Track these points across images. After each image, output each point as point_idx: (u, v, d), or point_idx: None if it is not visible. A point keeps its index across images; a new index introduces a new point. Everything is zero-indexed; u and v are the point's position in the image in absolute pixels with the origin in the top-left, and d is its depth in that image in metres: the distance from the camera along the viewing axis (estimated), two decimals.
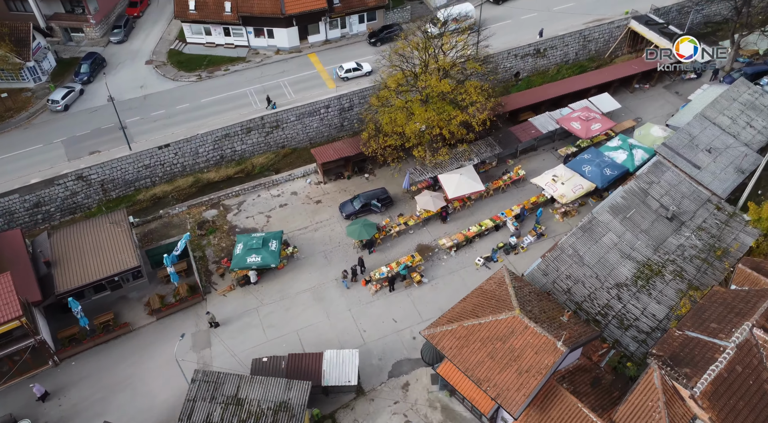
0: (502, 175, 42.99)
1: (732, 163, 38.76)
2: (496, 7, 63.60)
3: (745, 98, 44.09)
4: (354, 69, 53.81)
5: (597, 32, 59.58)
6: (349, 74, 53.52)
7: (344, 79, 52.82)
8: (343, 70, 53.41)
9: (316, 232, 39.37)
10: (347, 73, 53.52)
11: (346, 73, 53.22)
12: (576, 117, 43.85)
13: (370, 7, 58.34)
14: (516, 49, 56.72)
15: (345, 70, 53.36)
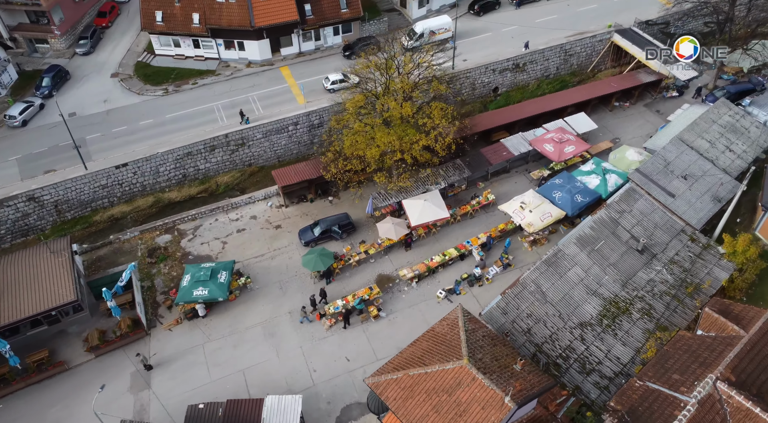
0: (471, 199, 41.32)
1: (709, 190, 37.04)
2: (477, 19, 61.97)
3: (725, 120, 42.42)
4: (341, 80, 52.22)
5: (579, 46, 57.95)
6: (336, 86, 51.92)
7: (330, 90, 50.89)
8: (329, 82, 51.85)
9: (273, 261, 37.57)
10: (333, 84, 52.00)
11: (332, 85, 51.64)
12: (549, 138, 42.14)
13: (345, 19, 56.66)
14: (494, 64, 55.02)
15: (331, 82, 51.82)
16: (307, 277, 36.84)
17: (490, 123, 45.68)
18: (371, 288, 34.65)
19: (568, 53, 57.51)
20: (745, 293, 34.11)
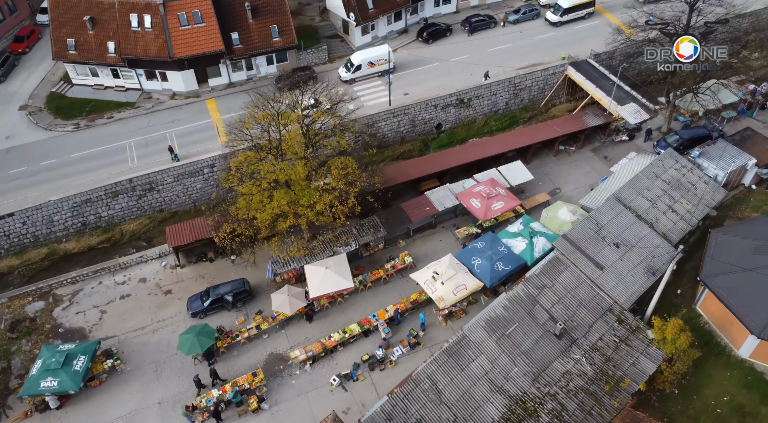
0: (386, 261, 37.64)
1: (643, 261, 33.25)
2: (426, 47, 58.21)
3: (670, 174, 38.70)
4: (313, 105, 48.17)
5: (529, 80, 54.21)
6: (307, 112, 49.05)
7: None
8: (300, 108, 48.64)
9: (154, 335, 33.42)
10: (305, 110, 48.27)
11: (304, 111, 48.15)
12: (477, 193, 38.29)
13: (278, 48, 53.06)
14: (437, 99, 51.16)
15: (303, 108, 48.51)
16: (188, 357, 32.49)
17: (417, 171, 41.50)
18: (254, 374, 30.43)
19: (518, 87, 53.78)
20: (678, 385, 30.53)
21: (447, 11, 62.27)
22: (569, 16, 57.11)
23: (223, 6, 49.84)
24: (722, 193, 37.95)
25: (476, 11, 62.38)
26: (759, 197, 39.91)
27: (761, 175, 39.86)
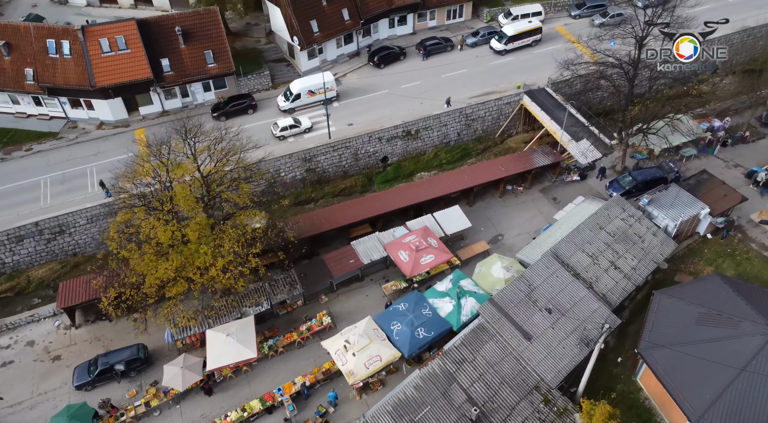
0: (303, 322, 34.27)
1: (576, 329, 30.23)
2: (377, 72, 55.06)
3: (616, 225, 35.72)
4: (291, 126, 46.94)
5: (482, 110, 51.19)
6: (286, 132, 46.75)
7: (280, 138, 46.10)
8: (278, 129, 46.34)
9: (31, 411, 29.77)
10: (283, 131, 46.66)
11: (281, 132, 46.32)
12: (407, 244, 35.10)
13: (214, 75, 50.01)
14: (381, 132, 47.90)
15: (280, 129, 46.41)
16: None
17: (346, 218, 38.04)
18: None
19: (470, 118, 50.72)
20: None
21: (403, 33, 59.17)
22: (515, 44, 53.84)
23: (152, 31, 46.56)
24: (672, 246, 34.99)
25: (435, 33, 59.71)
26: (714, 249, 37.02)
27: (716, 224, 37.13)
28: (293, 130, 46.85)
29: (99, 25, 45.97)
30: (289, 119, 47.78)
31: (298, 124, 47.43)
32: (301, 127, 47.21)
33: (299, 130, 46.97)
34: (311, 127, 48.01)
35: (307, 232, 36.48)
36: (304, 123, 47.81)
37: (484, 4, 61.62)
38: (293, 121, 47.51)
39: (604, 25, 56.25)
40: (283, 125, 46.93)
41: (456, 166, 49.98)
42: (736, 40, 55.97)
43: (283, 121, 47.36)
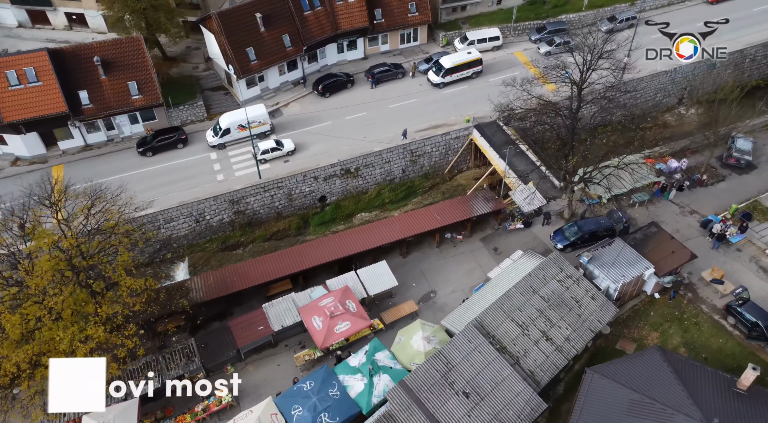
0: (201, 401, 30.48)
1: (497, 416, 27.64)
2: (322, 101, 51.79)
3: (552, 288, 32.59)
4: (273, 149, 44.56)
5: (428, 146, 48.10)
6: (267, 156, 44.35)
7: (262, 161, 43.78)
8: (259, 151, 43.71)
9: None
10: (264, 154, 44.16)
11: (262, 155, 43.80)
12: (322, 308, 31.99)
13: (140, 107, 46.86)
14: (317, 170, 44.48)
15: (261, 152, 43.83)
16: None
17: (260, 275, 34.58)
18: None
19: (416, 154, 47.61)
20: None
21: (354, 58, 56.01)
22: (453, 76, 50.24)
23: (68, 61, 43.10)
24: (611, 312, 31.96)
25: (387, 58, 56.55)
26: (660, 311, 34.14)
27: (663, 284, 34.40)
28: (275, 153, 44.66)
29: (8, 55, 42.87)
30: (271, 141, 45.31)
31: (280, 147, 44.91)
32: (283, 150, 44.84)
33: (281, 153, 44.76)
34: (294, 149, 45.55)
35: (217, 292, 33.38)
36: (287, 146, 45.48)
37: (441, 28, 58.91)
38: (275, 144, 45.06)
39: (550, 54, 53.40)
40: (265, 148, 44.37)
41: (400, 205, 47.00)
42: (701, 70, 53.52)
43: (264, 143, 44.69)
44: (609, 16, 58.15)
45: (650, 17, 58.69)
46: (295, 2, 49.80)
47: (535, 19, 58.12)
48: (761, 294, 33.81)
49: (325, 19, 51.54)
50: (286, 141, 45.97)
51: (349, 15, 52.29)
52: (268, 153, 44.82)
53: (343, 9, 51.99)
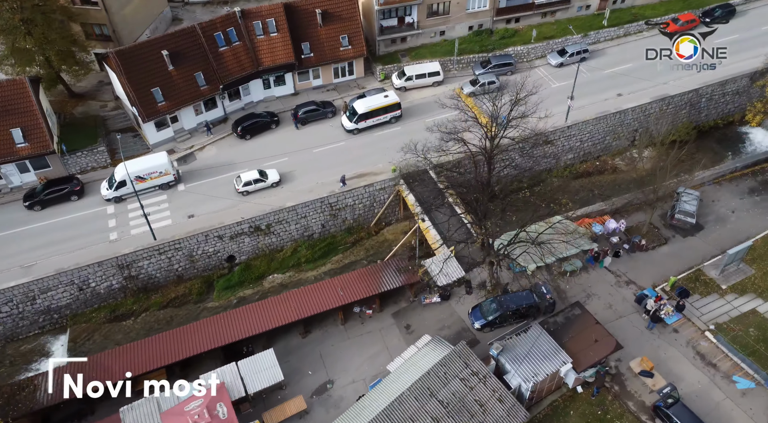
0: None
1: None
2: (242, 144, 47.37)
3: (453, 389, 28.11)
4: (256, 180, 41.34)
5: (350, 198, 43.86)
6: (249, 188, 41.18)
7: (243, 194, 41.41)
8: (240, 183, 40.64)
9: None
10: (246, 186, 41.02)
11: (244, 187, 40.86)
12: (187, 414, 27.75)
13: (28, 156, 42.40)
14: (221, 229, 40.41)
15: (243, 184, 40.76)
16: None
17: (131, 364, 30.09)
18: None
19: (336, 208, 43.39)
20: None
21: (283, 93, 51.43)
22: (367, 122, 45.92)
23: None
24: (521, 417, 27.67)
25: (320, 93, 52.15)
26: (582, 409, 29.92)
27: (585, 378, 30.67)
28: (258, 184, 41.80)
29: None
30: (254, 172, 42.13)
31: (264, 179, 41.96)
32: (267, 182, 41.91)
33: (265, 184, 41.88)
34: (279, 181, 42.44)
35: (74, 387, 29.25)
36: (271, 177, 42.35)
37: (380, 60, 54.95)
38: (258, 175, 42.03)
39: (474, 95, 49.12)
40: (247, 179, 41.62)
41: (318, 264, 42.60)
42: (653, 111, 49.98)
43: (247, 174, 41.87)
44: (559, 49, 54.81)
45: (604, 49, 55.47)
46: (208, 38, 45.60)
47: (480, 52, 54.58)
48: (695, 388, 30.07)
49: (245, 55, 47.33)
50: (271, 172, 42.91)
51: (272, 50, 48.10)
52: (250, 185, 41.60)
53: (264, 44, 47.84)
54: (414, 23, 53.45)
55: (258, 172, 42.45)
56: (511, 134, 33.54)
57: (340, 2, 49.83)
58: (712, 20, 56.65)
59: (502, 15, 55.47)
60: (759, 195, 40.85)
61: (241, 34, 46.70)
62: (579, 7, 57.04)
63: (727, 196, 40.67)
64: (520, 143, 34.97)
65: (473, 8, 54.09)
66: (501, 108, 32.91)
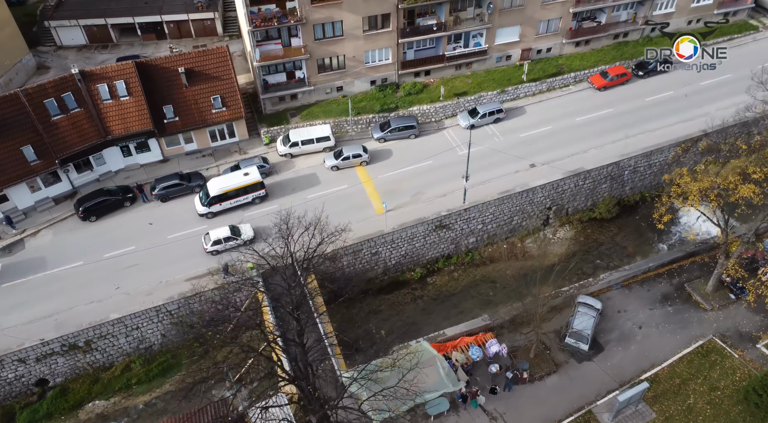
0: None
1: None
2: (86, 226, 39.64)
3: None
4: (227, 238, 36.44)
5: (197, 302, 36.61)
6: (219, 247, 36.66)
7: (212, 253, 37.21)
8: (209, 242, 37.32)
9: None
10: (216, 245, 37.23)
11: (213, 247, 37.21)
12: None
13: None
14: (21, 352, 32.04)
15: (212, 242, 37.23)
16: None
17: None
18: None
19: (177, 316, 36.01)
20: None
21: (148, 161, 44.22)
22: (223, 205, 39.21)
23: None
24: None
25: (196, 159, 44.62)
26: None
27: None
28: (229, 243, 37.20)
29: None
30: (225, 229, 37.53)
31: (237, 236, 37.26)
32: (239, 239, 37.32)
33: (237, 243, 37.29)
34: (254, 238, 37.54)
35: None
36: (245, 233, 37.85)
37: (266, 120, 48.14)
38: (230, 232, 37.30)
39: (338, 168, 42.85)
40: (217, 237, 37.12)
41: (153, 385, 35.39)
42: (567, 187, 44.00)
43: (216, 231, 37.35)
44: (471, 109, 48.53)
45: (524, 106, 48.67)
46: (37, 105, 38.12)
47: (380, 111, 47.96)
48: None
49: (88, 124, 39.91)
50: (245, 227, 38.35)
51: (123, 117, 40.80)
52: (220, 243, 36.96)
53: (113, 110, 40.50)
54: (305, 79, 47.23)
55: (229, 229, 37.20)
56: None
57: (208, 59, 42.89)
58: (647, 73, 51.14)
59: (410, 68, 48.72)
60: (672, 305, 34.52)
61: (82, 100, 39.40)
62: (498, 57, 51.12)
63: (635, 306, 34.34)
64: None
65: (373, 62, 47.64)
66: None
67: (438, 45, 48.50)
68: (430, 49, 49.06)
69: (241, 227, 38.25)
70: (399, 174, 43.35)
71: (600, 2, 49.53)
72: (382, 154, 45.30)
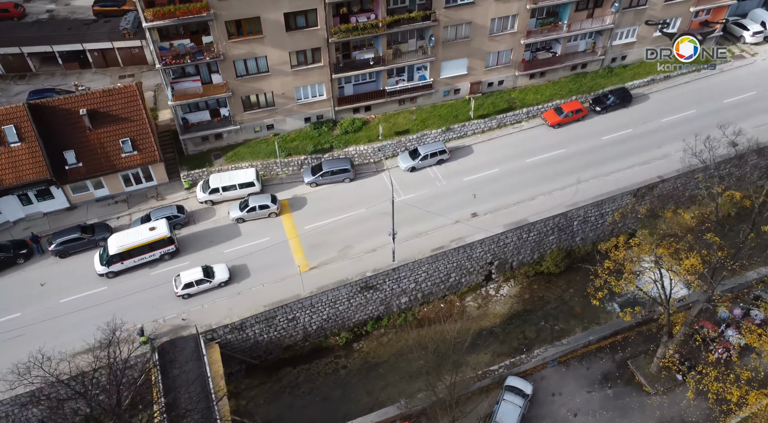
0: None
1: None
2: None
3: None
4: (200, 281, 34.73)
5: (82, 384, 33.92)
6: (192, 290, 34.69)
7: (183, 297, 34.92)
8: (180, 285, 34.58)
9: None
10: (187, 288, 34.49)
11: (185, 290, 34.52)
12: None
13: None
14: None
15: (183, 285, 34.47)
16: None
17: None
18: None
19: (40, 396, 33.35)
20: None
21: (52, 209, 40.06)
22: (125, 263, 35.37)
23: None
24: None
25: (104, 206, 40.29)
26: None
27: None
28: (202, 285, 34.69)
29: None
30: (197, 270, 34.82)
31: (210, 278, 34.67)
32: (213, 282, 34.85)
33: (210, 285, 34.86)
34: (229, 279, 35.33)
35: None
36: (218, 275, 35.20)
37: (188, 162, 43.94)
38: (202, 273, 34.62)
39: (243, 221, 38.86)
40: (188, 280, 34.42)
41: None
42: (510, 240, 40.35)
43: (188, 273, 34.74)
44: (411, 149, 44.72)
45: (472, 145, 44.46)
46: None
47: (313, 152, 44.10)
48: None
49: None
50: (219, 267, 35.75)
51: (15, 165, 36.32)
52: (192, 287, 34.47)
53: (1, 158, 36.56)
54: (230, 118, 43.37)
55: (202, 270, 34.91)
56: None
57: (116, 99, 38.74)
58: (604, 108, 47.65)
59: (348, 104, 44.79)
60: (613, 386, 30.70)
61: None
62: (445, 91, 47.39)
63: (572, 387, 30.51)
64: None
65: (306, 98, 43.77)
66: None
67: (378, 79, 44.76)
68: (370, 82, 45.16)
69: (215, 268, 35.25)
70: (328, 224, 39.53)
71: (553, 33, 46.23)
72: (313, 200, 41.28)
